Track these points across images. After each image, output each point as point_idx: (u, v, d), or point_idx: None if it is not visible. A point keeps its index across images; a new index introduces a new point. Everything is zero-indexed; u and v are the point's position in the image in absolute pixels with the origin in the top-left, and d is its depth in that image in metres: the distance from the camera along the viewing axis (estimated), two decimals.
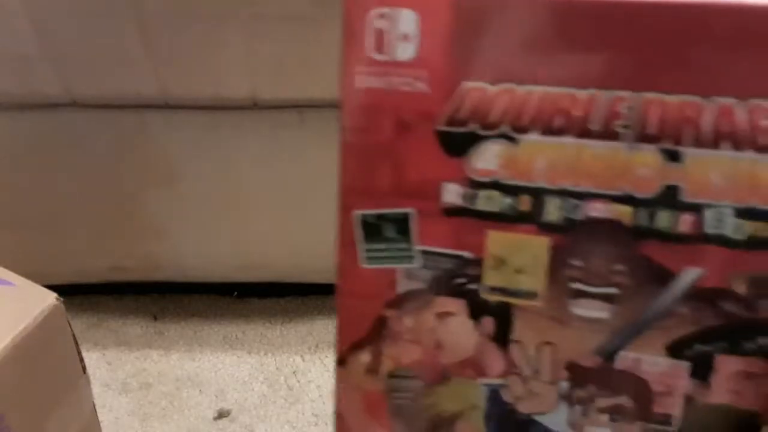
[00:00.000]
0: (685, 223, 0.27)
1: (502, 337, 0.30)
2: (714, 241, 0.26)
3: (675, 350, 0.28)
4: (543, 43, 0.26)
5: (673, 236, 0.27)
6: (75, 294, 0.87)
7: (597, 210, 0.27)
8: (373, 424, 0.33)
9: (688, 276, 0.27)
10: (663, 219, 0.27)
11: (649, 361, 0.28)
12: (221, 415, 0.76)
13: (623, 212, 0.27)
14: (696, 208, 0.26)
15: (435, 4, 0.27)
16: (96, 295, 0.95)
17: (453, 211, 0.29)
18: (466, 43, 0.27)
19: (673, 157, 0.26)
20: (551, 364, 0.30)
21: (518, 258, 0.29)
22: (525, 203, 0.28)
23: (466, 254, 0.30)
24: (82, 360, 0.50)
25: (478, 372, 0.31)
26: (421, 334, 0.31)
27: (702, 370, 0.28)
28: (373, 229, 0.31)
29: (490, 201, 0.29)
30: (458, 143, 0.28)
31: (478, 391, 0.31)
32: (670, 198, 0.26)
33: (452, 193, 0.29)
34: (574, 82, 0.26)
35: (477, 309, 0.30)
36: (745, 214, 0.26)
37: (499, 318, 0.30)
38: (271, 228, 0.87)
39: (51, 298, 0.46)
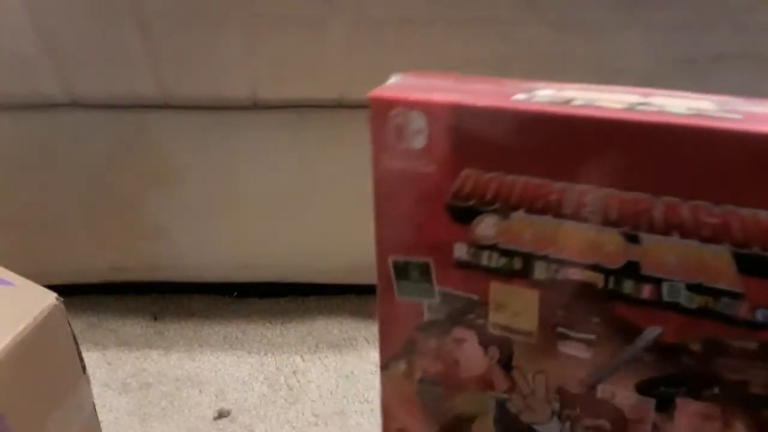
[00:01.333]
0: (646, 291, 0.32)
1: (505, 363, 0.36)
2: (671, 308, 0.31)
3: (643, 389, 0.33)
4: (521, 145, 0.33)
5: (637, 300, 0.32)
6: (75, 294, 0.87)
7: (575, 274, 0.33)
8: (409, 416, 0.40)
9: (651, 333, 0.32)
10: (627, 286, 0.32)
11: (623, 395, 0.33)
12: (221, 415, 0.76)
13: (595, 278, 0.32)
14: (655, 281, 0.31)
15: (438, 109, 0.34)
16: (96, 295, 0.95)
17: (462, 264, 0.36)
18: (464, 140, 0.34)
19: (632, 239, 0.31)
20: (545, 387, 0.35)
21: (514, 305, 0.35)
22: (518, 263, 0.34)
23: (474, 297, 0.36)
24: (82, 360, 0.50)
25: (488, 386, 0.37)
26: (442, 353, 0.38)
27: (666, 408, 0.33)
28: (402, 271, 0.37)
29: (490, 260, 0.35)
30: (462, 214, 0.35)
31: (488, 401, 0.37)
32: (632, 271, 0.31)
33: (461, 251, 0.35)
34: (549, 175, 0.32)
35: (485, 339, 0.36)
36: (695, 288, 0.30)
37: (502, 348, 0.36)
38: (270, 228, 0.87)
39: (51, 298, 0.46)
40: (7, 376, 0.42)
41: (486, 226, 0.34)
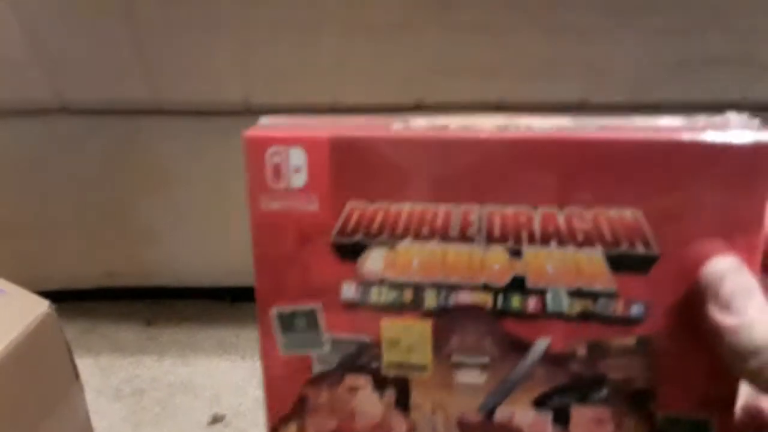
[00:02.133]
0: (532, 304, 0.33)
1: (403, 404, 0.36)
2: (555, 316, 0.33)
3: (539, 403, 0.35)
4: (403, 171, 0.34)
5: (525, 315, 0.34)
6: (68, 299, 0.86)
7: (464, 298, 0.34)
8: None
9: (540, 345, 0.34)
10: (515, 302, 0.34)
11: (520, 414, 0.35)
12: (215, 420, 0.76)
13: (484, 299, 0.34)
14: (539, 292, 0.33)
15: (317, 143, 0.34)
16: (89, 301, 0.95)
17: (351, 305, 0.35)
18: (345, 173, 0.34)
19: (516, 253, 0.33)
20: (445, 423, 0.36)
21: (408, 339, 0.36)
22: (408, 295, 0.35)
23: (365, 339, 0.36)
24: (75, 367, 0.50)
25: None
26: (335, 406, 0.37)
27: (561, 419, 0.35)
28: (287, 322, 0.37)
29: (379, 295, 0.35)
30: (349, 251, 0.35)
31: None
32: (518, 286, 0.33)
33: (349, 291, 0.35)
34: (432, 199, 0.33)
35: (380, 382, 0.36)
36: (575, 294, 0.33)
37: (399, 388, 0.36)
38: None
39: (43, 306, 0.46)
40: (0, 383, 0.42)
41: (373, 261, 0.35)
